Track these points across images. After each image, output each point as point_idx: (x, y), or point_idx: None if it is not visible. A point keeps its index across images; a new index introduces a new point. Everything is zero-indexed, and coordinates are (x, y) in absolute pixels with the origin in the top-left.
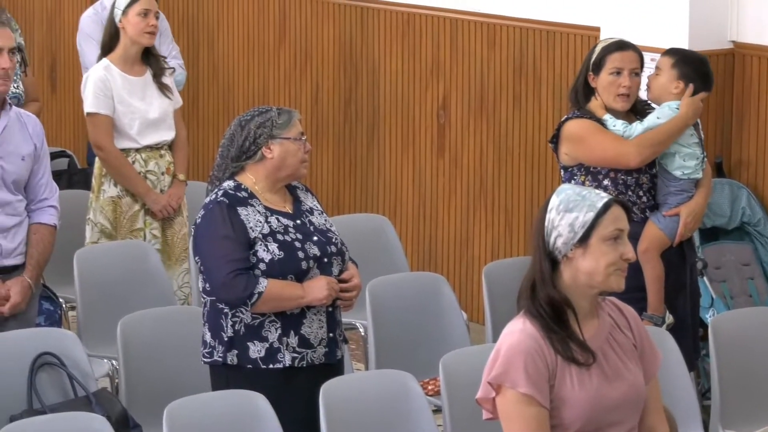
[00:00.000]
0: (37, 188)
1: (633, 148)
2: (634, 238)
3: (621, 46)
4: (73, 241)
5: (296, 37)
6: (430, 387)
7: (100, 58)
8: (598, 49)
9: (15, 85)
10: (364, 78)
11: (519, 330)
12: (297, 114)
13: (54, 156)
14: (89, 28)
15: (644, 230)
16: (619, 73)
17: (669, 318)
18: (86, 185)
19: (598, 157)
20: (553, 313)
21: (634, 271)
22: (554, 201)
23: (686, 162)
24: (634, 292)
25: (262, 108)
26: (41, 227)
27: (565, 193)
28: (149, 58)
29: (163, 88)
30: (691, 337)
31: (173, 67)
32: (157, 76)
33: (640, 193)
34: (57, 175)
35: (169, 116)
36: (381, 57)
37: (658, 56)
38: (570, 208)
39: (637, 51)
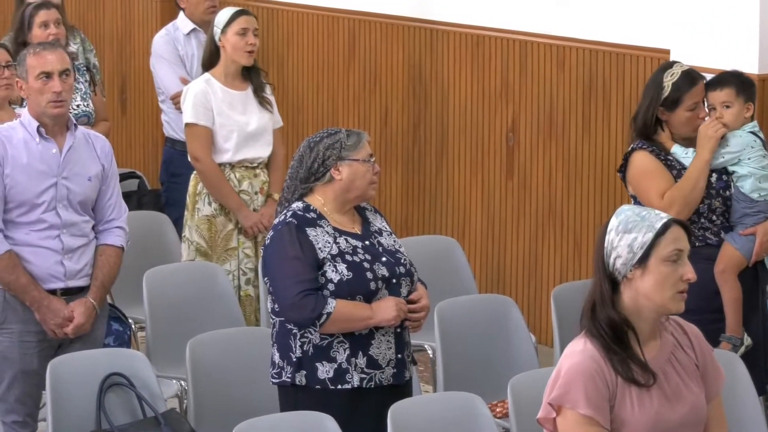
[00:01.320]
0: (105, 209)
1: (670, 211)
2: (710, 260)
3: (693, 80)
4: (142, 261)
5: (366, 58)
6: (498, 409)
7: (201, 74)
8: (668, 84)
9: (85, 104)
10: (433, 99)
11: (580, 351)
12: (366, 135)
13: (123, 177)
14: (161, 48)
15: (720, 251)
16: (696, 106)
17: (747, 340)
18: (156, 206)
19: (645, 204)
20: (614, 334)
21: (708, 292)
22: (613, 222)
23: (762, 184)
24: (707, 314)
25: (332, 130)
26: (108, 248)
27: (624, 214)
28: (250, 72)
29: (264, 102)
30: (763, 361)
31: (272, 85)
32: (259, 91)
33: (713, 217)
34: (126, 196)
35: (268, 132)
36: (450, 78)
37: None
38: (629, 229)
39: (702, 79)
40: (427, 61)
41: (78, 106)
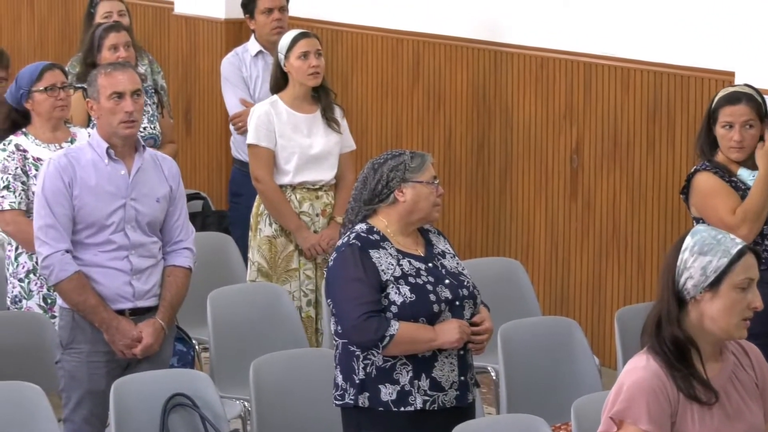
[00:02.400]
0: (172, 230)
1: (743, 227)
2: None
3: (732, 99)
4: (206, 282)
5: (430, 80)
6: None
7: (251, 98)
8: (714, 99)
9: (152, 126)
10: (497, 121)
11: (642, 367)
12: (430, 157)
13: (188, 198)
14: (226, 70)
15: None
16: (731, 126)
17: None
18: (220, 227)
19: (713, 223)
20: (677, 351)
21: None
22: (689, 241)
23: None
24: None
25: (396, 151)
26: (176, 269)
27: (700, 234)
28: (320, 94)
29: (332, 123)
30: None
31: (342, 107)
32: (327, 112)
33: None
34: (191, 217)
35: (333, 155)
36: (514, 100)
37: None
38: (704, 251)
39: (753, 102)
40: (492, 82)
41: (145, 128)
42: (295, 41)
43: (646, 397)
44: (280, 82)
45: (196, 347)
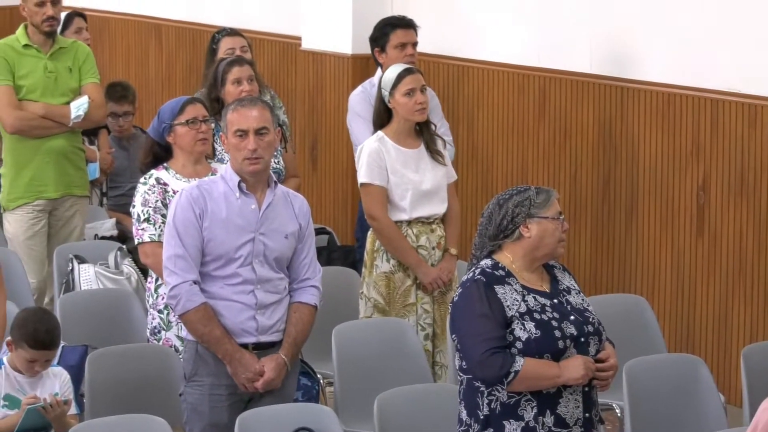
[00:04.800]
0: (300, 267)
1: None
2: None
3: None
4: (331, 316)
5: (556, 115)
6: None
7: (373, 133)
8: None
9: (275, 161)
10: (623, 157)
11: None
12: (555, 193)
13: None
14: (358, 106)
15: None
16: None
17: None
18: (345, 262)
19: None
20: None
21: None
22: None
23: None
24: None
25: (521, 187)
26: (302, 306)
27: None
28: (422, 128)
29: (437, 157)
30: None
31: (444, 138)
32: (431, 146)
33: None
34: (317, 252)
35: (443, 189)
36: (640, 136)
37: None
38: None
39: None
40: (618, 118)
41: None
42: (400, 78)
43: None
44: (383, 117)
45: (321, 381)
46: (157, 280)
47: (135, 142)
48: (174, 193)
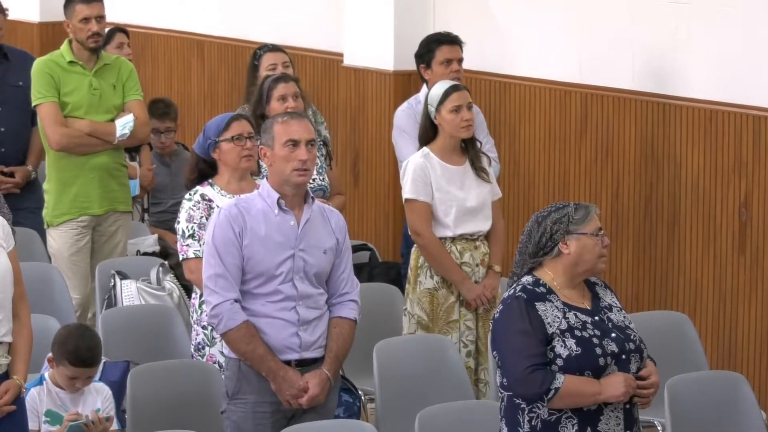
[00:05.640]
0: (338, 282)
1: None
2: None
3: None
4: (372, 333)
5: (597, 132)
6: None
7: (418, 149)
8: None
9: (321, 178)
10: (665, 174)
11: None
12: (595, 209)
13: (355, 249)
14: (403, 122)
15: None
16: None
17: None
18: (387, 278)
19: None
20: None
21: None
22: None
23: None
24: None
25: (560, 204)
26: (342, 321)
27: None
28: (467, 145)
29: (481, 174)
30: None
31: (489, 156)
32: (476, 163)
33: None
34: (358, 269)
35: (487, 206)
36: (682, 153)
37: None
38: None
39: None
40: (660, 135)
41: (314, 179)
42: (447, 94)
43: None
44: (429, 133)
45: (362, 398)
46: (201, 296)
47: (177, 158)
48: None
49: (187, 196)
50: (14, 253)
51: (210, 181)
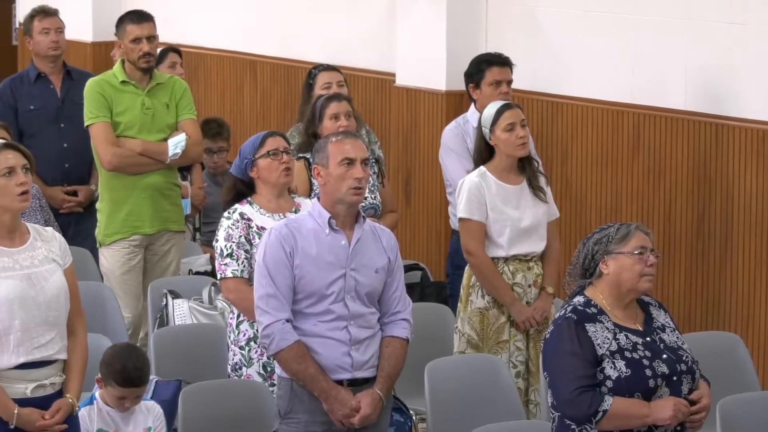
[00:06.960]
0: (390, 301)
1: None
2: None
3: None
4: (424, 352)
5: (650, 152)
6: None
7: (467, 169)
8: None
9: (372, 196)
10: (717, 194)
11: None
12: (640, 227)
13: (407, 269)
14: (451, 141)
15: None
16: None
17: None
18: (438, 298)
19: None
20: None
21: None
22: None
23: None
24: None
25: (605, 225)
26: (394, 340)
27: None
28: (525, 164)
29: (538, 193)
30: None
31: (546, 176)
32: (533, 182)
33: None
34: (410, 288)
35: (542, 226)
36: (735, 173)
37: None
38: None
39: None
40: (712, 155)
41: (366, 198)
42: (500, 113)
43: None
44: (484, 154)
45: (414, 418)
46: (239, 316)
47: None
48: (258, 228)
49: (225, 214)
50: (71, 270)
51: (249, 199)
